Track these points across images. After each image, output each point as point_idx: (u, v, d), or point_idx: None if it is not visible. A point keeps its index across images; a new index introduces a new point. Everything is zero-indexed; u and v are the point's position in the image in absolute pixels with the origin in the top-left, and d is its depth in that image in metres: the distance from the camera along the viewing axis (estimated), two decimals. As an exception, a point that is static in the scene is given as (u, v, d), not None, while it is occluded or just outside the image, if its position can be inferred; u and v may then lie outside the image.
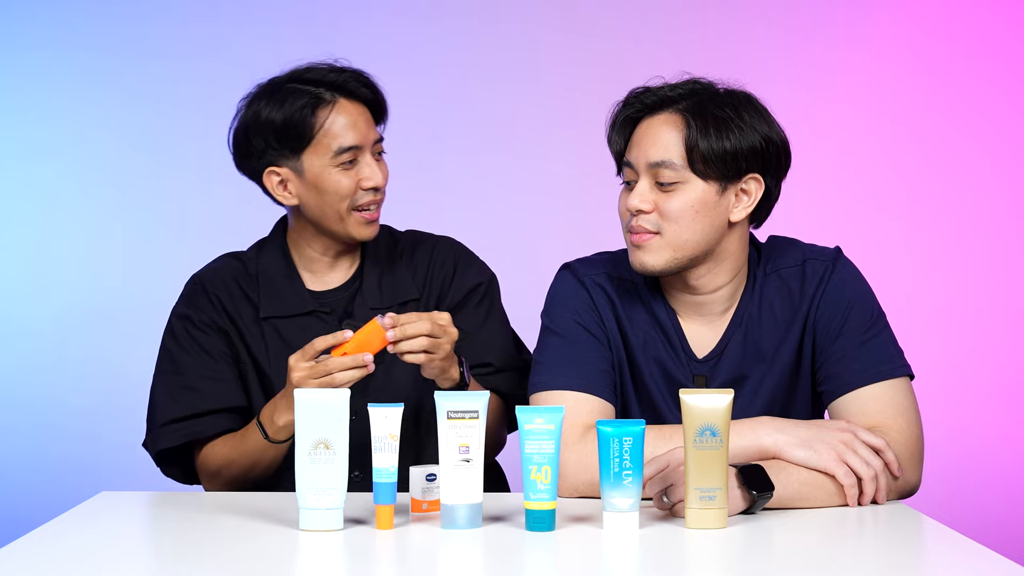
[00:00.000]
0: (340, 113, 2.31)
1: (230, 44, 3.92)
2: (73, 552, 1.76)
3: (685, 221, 2.08)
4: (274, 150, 2.32)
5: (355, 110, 2.33)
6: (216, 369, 2.35)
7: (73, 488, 2.75)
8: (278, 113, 2.30)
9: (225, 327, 2.37)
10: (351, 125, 2.32)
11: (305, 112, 2.29)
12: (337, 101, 2.32)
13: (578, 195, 3.93)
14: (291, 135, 2.30)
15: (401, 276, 2.41)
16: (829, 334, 2.16)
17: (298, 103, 2.29)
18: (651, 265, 2.11)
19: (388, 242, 2.46)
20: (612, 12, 3.99)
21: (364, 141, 2.32)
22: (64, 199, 3.97)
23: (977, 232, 4.03)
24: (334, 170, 2.31)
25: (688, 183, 2.08)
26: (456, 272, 2.44)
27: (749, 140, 2.09)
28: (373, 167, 2.33)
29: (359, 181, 2.32)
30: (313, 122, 2.29)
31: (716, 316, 2.20)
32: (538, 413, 1.84)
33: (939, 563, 1.75)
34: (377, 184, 2.32)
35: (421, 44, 3.98)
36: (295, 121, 2.29)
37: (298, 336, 2.30)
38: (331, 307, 2.38)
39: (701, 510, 1.84)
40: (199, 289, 2.40)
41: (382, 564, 1.74)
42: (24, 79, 3.96)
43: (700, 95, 2.11)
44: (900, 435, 2.06)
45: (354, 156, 2.31)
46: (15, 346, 3.95)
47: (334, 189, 2.31)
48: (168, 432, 2.33)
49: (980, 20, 4.04)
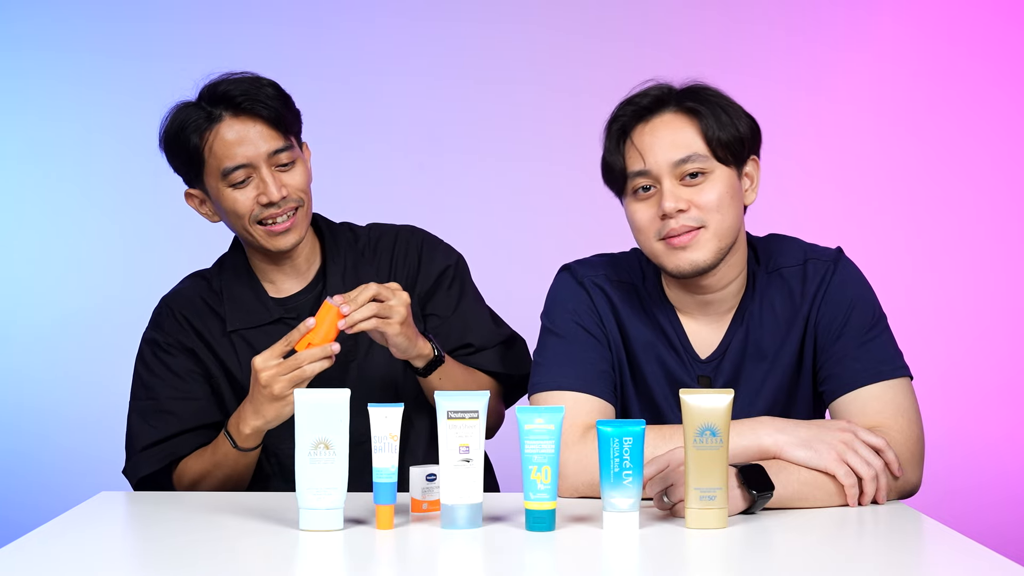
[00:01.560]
0: (221, 132, 2.28)
1: (231, 45, 3.92)
2: (73, 552, 1.76)
3: (724, 208, 2.09)
4: (184, 176, 2.35)
5: (242, 127, 2.28)
6: (186, 389, 2.36)
7: (73, 488, 2.74)
8: (176, 142, 2.30)
9: (191, 345, 2.38)
10: (236, 143, 2.27)
11: (192, 137, 2.28)
12: (222, 120, 2.28)
13: (578, 196, 3.92)
14: (186, 161, 2.31)
15: (365, 271, 2.41)
16: (830, 334, 2.16)
17: (186, 125, 2.28)
18: (701, 261, 2.10)
19: (348, 239, 2.45)
20: (613, 13, 3.99)
21: (254, 157, 2.27)
22: (65, 200, 3.97)
23: (978, 232, 4.03)
24: (228, 190, 2.29)
25: (715, 172, 2.09)
26: (421, 259, 2.44)
27: (746, 123, 2.13)
28: (268, 182, 2.27)
29: (256, 197, 2.28)
30: (199, 144, 2.28)
31: (719, 316, 2.20)
32: (538, 413, 1.84)
33: (939, 563, 1.75)
34: (272, 199, 2.27)
35: (421, 45, 3.98)
36: (185, 147, 2.29)
37: (268, 345, 2.26)
38: (297, 311, 2.38)
39: (701, 510, 1.84)
40: (165, 311, 2.42)
41: (382, 564, 1.74)
42: (26, 80, 3.97)
43: (683, 90, 2.13)
44: (901, 435, 2.06)
45: (246, 174, 2.28)
46: (15, 346, 3.95)
47: (231, 208, 2.30)
48: (147, 457, 2.34)
49: (981, 21, 4.04)
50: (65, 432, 3.90)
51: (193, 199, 2.37)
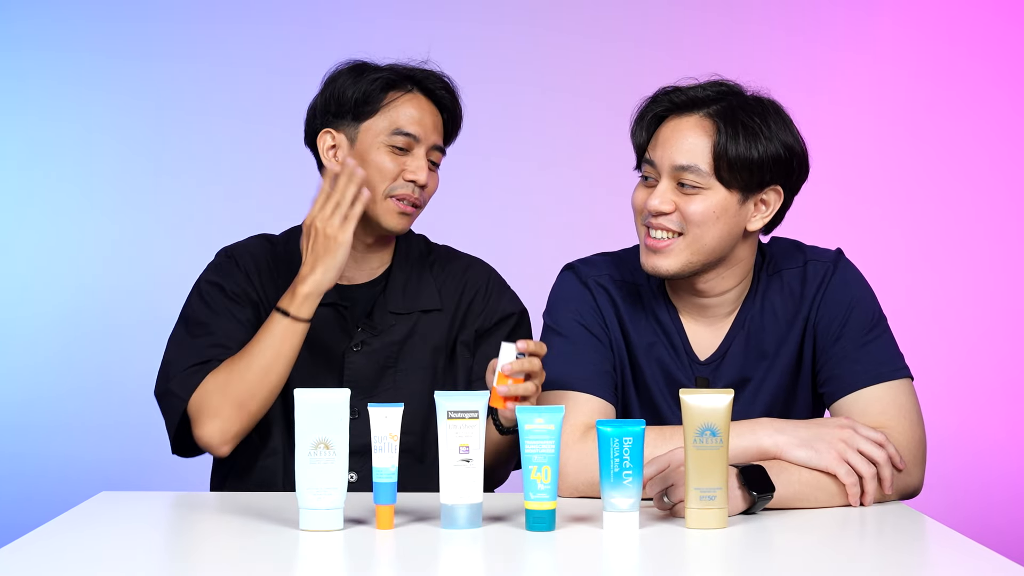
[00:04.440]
0: (411, 102, 2.34)
1: (231, 46, 3.92)
2: (73, 552, 1.76)
3: (707, 225, 2.08)
4: (337, 114, 2.34)
5: (426, 106, 2.36)
6: (246, 339, 2.29)
7: (73, 488, 2.74)
8: (354, 83, 2.34)
9: (255, 299, 2.35)
10: (416, 118, 2.34)
11: (377, 85, 2.33)
12: (412, 91, 2.35)
13: (578, 196, 3.93)
14: (357, 101, 2.33)
15: (426, 285, 2.41)
16: (830, 335, 2.16)
17: (375, 78, 2.33)
18: (665, 269, 2.11)
19: (422, 249, 2.46)
20: (613, 13, 3.99)
21: (423, 136, 2.33)
22: (65, 200, 3.97)
23: (979, 233, 4.03)
24: (384, 149, 2.32)
25: (711, 189, 2.07)
26: (489, 297, 2.43)
27: (774, 151, 2.08)
28: (422, 164, 2.33)
29: (403, 171, 2.32)
30: (382, 97, 2.33)
31: (720, 318, 2.20)
32: (538, 413, 1.84)
33: (940, 564, 1.75)
34: (419, 180, 2.31)
35: (421, 45, 3.98)
36: (366, 91, 2.33)
37: (314, 328, 2.27)
38: (352, 302, 2.38)
39: (701, 510, 1.84)
40: (229, 262, 2.39)
41: (382, 564, 1.73)
42: (26, 80, 3.96)
43: (729, 99, 2.10)
44: (902, 436, 2.06)
45: (408, 144, 2.32)
46: (15, 346, 3.95)
47: (377, 166, 2.31)
48: (192, 374, 2.26)
49: (981, 21, 4.04)
50: (65, 432, 3.90)
51: (328, 138, 2.36)
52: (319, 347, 2.34)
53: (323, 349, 2.34)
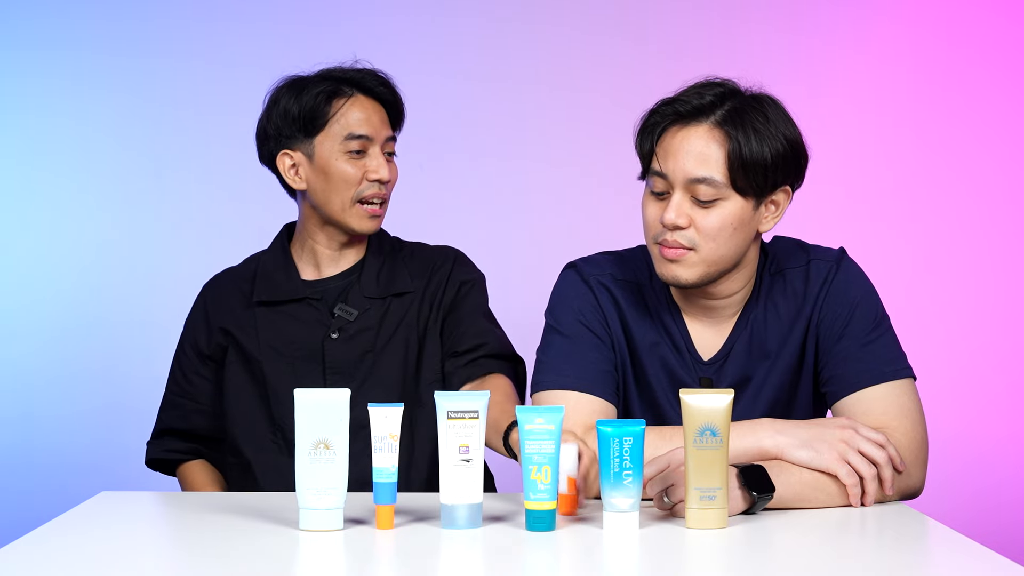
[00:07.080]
0: (355, 106, 2.42)
1: (231, 45, 3.91)
2: (73, 552, 1.76)
3: (723, 238, 2.06)
4: (289, 134, 2.42)
5: (370, 106, 2.44)
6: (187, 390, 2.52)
7: (73, 488, 2.74)
8: (296, 101, 2.41)
9: (208, 342, 2.50)
10: (364, 119, 2.42)
11: (320, 99, 2.40)
12: (354, 95, 2.43)
13: (579, 196, 3.92)
14: (306, 118, 2.40)
15: (399, 270, 2.49)
16: (832, 335, 2.15)
17: (316, 91, 2.40)
18: (685, 279, 2.10)
19: (393, 244, 2.55)
20: (613, 12, 3.99)
21: (375, 134, 2.42)
22: (65, 200, 3.97)
23: (981, 233, 4.02)
24: (342, 156, 2.40)
25: (727, 200, 2.06)
26: (452, 268, 2.51)
27: (781, 148, 2.06)
28: (380, 161, 2.42)
29: (365, 172, 2.41)
30: (327, 109, 2.40)
31: (724, 319, 2.19)
32: (538, 413, 1.84)
33: (941, 564, 1.75)
34: (382, 177, 2.41)
35: (421, 45, 3.98)
36: (311, 106, 2.40)
37: (289, 323, 2.42)
38: (322, 294, 2.46)
39: (701, 510, 1.83)
40: (201, 301, 2.55)
41: (382, 564, 1.73)
42: (25, 80, 3.96)
43: (732, 101, 2.07)
44: (904, 436, 2.06)
45: (363, 146, 2.41)
46: (15, 346, 3.95)
47: (340, 176, 2.39)
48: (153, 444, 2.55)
49: (981, 21, 4.04)
50: (65, 432, 3.89)
51: (287, 160, 2.44)
52: (299, 341, 2.43)
53: (303, 343, 2.43)
